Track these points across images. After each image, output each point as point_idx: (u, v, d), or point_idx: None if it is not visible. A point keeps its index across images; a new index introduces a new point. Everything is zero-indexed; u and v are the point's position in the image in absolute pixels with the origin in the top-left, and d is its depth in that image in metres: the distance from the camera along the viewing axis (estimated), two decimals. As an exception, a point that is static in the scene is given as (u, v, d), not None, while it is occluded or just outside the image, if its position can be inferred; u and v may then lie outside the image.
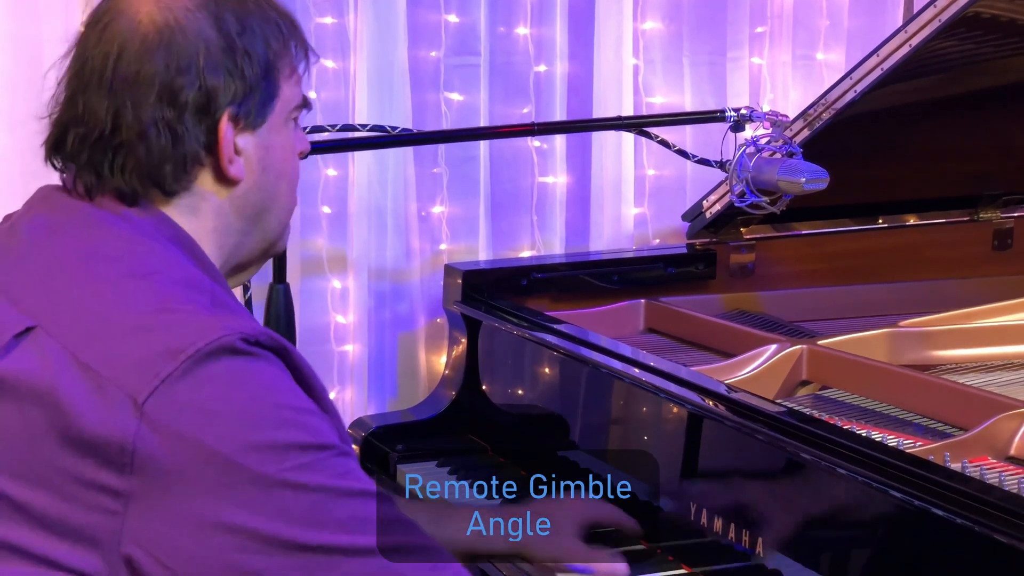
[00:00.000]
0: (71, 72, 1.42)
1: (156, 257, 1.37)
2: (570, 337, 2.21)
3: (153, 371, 1.25)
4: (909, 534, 1.60)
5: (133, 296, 1.32)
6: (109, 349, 1.28)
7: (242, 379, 1.27)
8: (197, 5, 1.40)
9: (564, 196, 2.92)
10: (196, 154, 1.40)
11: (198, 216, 1.42)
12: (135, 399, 1.24)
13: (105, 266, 1.35)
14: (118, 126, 1.38)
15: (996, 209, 2.77)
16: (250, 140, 1.43)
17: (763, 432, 1.78)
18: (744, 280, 2.62)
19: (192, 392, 1.25)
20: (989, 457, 1.79)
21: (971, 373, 2.18)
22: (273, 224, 1.49)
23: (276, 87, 1.44)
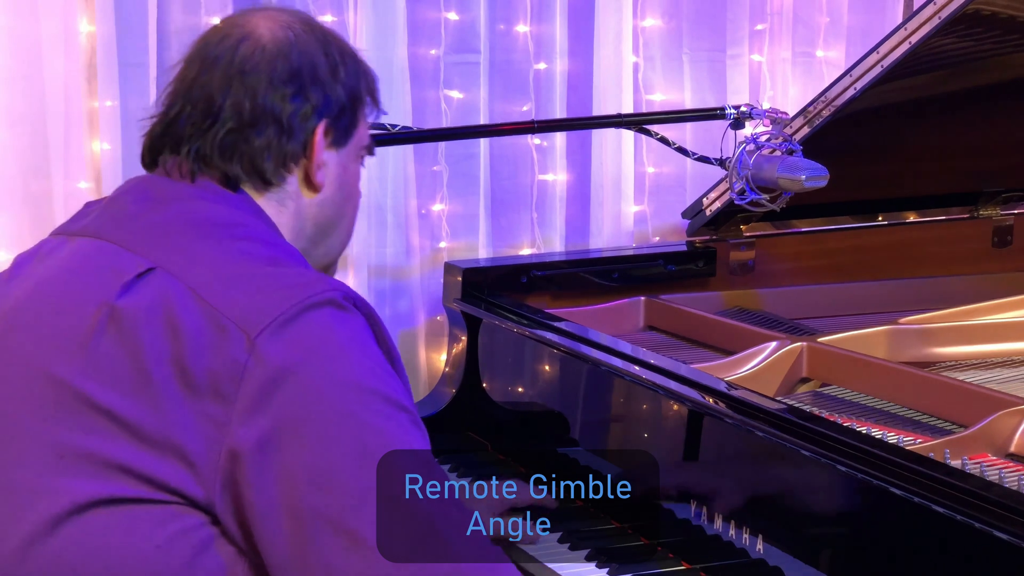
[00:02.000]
0: (190, 69, 1.55)
1: (258, 230, 1.50)
2: (570, 335, 2.21)
3: (268, 310, 1.37)
4: (909, 531, 1.60)
5: (246, 251, 1.45)
6: (227, 291, 1.39)
7: (342, 327, 1.39)
8: (310, 31, 1.57)
9: (564, 193, 2.92)
10: (295, 153, 1.54)
11: (283, 211, 1.55)
12: (249, 334, 1.36)
13: (215, 229, 1.47)
14: (234, 114, 1.51)
15: (996, 206, 2.77)
16: (333, 156, 1.57)
17: (763, 429, 1.78)
18: (744, 277, 2.62)
19: (299, 332, 1.37)
20: (989, 454, 1.79)
21: (971, 370, 2.18)
22: (335, 244, 1.63)
23: (358, 119, 1.60)
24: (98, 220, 1.54)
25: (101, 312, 1.41)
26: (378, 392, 1.37)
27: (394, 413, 1.38)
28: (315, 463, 1.33)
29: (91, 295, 1.43)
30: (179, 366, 1.36)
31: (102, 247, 1.49)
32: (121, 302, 1.40)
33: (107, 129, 2.56)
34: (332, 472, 1.33)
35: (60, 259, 1.52)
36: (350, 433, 1.34)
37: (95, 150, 2.58)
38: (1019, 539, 1.44)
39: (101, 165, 2.57)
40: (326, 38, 1.58)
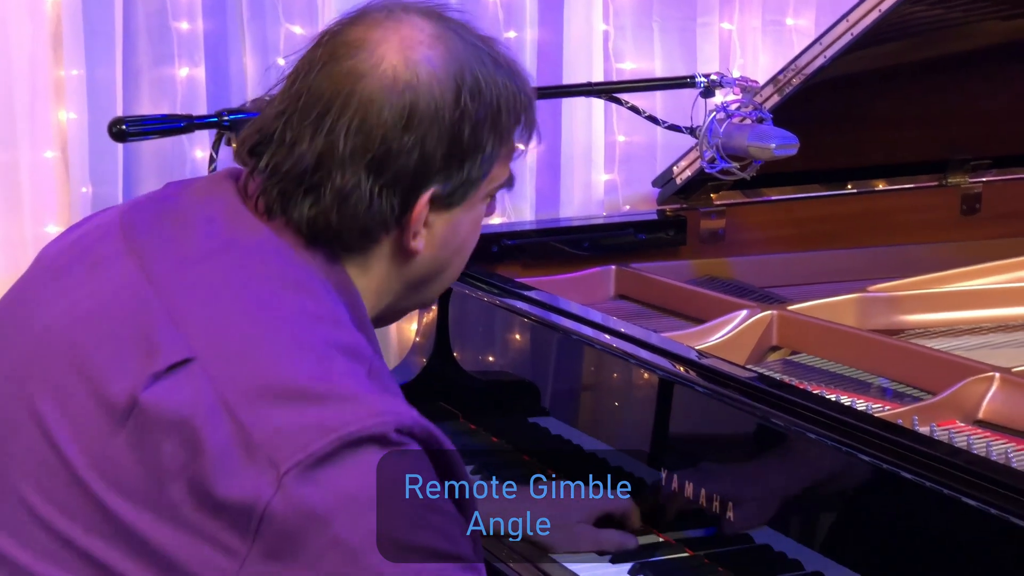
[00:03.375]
0: (291, 92, 1.36)
1: (326, 312, 1.32)
2: (540, 304, 2.21)
3: (301, 443, 1.20)
4: (879, 497, 1.61)
5: (298, 357, 1.26)
6: (263, 409, 1.22)
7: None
8: (445, 66, 1.35)
9: (534, 163, 2.91)
10: (386, 223, 1.35)
11: (365, 274, 1.38)
12: (277, 467, 1.20)
13: (278, 301, 1.30)
14: (320, 169, 1.33)
15: (964, 174, 2.78)
16: (441, 217, 1.39)
17: (733, 397, 1.79)
18: (714, 246, 2.62)
19: (335, 473, 1.20)
20: (957, 421, 1.80)
21: (939, 337, 2.19)
22: (434, 291, 1.47)
23: (489, 171, 1.40)
24: (163, 248, 1.35)
25: (124, 402, 1.25)
26: (419, 547, 1.23)
27: (438, 569, 1.23)
28: None
29: (119, 369, 1.27)
30: (198, 486, 1.21)
31: (148, 304, 1.30)
32: (147, 397, 1.24)
33: (73, 98, 2.54)
34: None
35: (104, 293, 1.34)
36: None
37: (61, 119, 2.56)
38: (987, 505, 1.45)
39: (68, 134, 2.56)
40: (462, 73, 1.35)
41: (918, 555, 1.57)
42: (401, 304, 1.45)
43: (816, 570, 1.66)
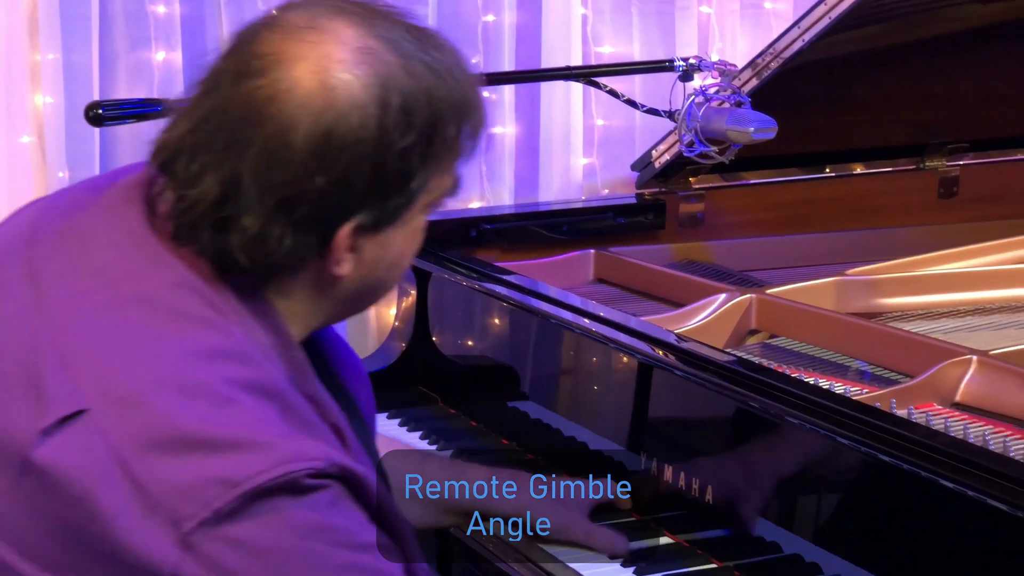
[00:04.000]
0: (201, 107, 1.25)
1: (232, 341, 1.23)
2: (520, 288, 2.21)
3: (204, 500, 1.14)
4: (857, 480, 1.62)
5: (197, 400, 1.18)
6: (161, 463, 1.16)
7: (299, 519, 1.17)
8: (368, 88, 1.22)
9: (513, 146, 2.91)
10: (303, 260, 1.25)
11: (289, 299, 1.28)
12: (180, 528, 1.14)
13: (177, 340, 1.21)
14: (227, 205, 1.22)
15: (942, 157, 2.79)
16: (370, 240, 1.28)
17: (712, 381, 1.79)
18: (693, 230, 2.62)
19: (243, 529, 1.15)
20: (935, 403, 1.80)
21: (917, 320, 2.20)
22: (368, 303, 1.38)
23: (423, 188, 1.29)
24: (61, 276, 1.26)
25: (14, 464, 1.18)
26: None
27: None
28: None
29: (8, 418, 1.20)
30: (102, 548, 1.16)
31: (38, 343, 1.22)
32: (39, 456, 1.17)
33: (49, 83, 2.52)
34: None
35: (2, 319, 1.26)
36: None
37: (37, 104, 2.54)
38: (964, 487, 1.46)
39: (44, 119, 2.54)
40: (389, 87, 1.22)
41: (896, 537, 1.58)
42: (336, 316, 1.36)
43: (795, 552, 1.67)
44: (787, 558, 1.67)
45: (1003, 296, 2.26)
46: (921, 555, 1.54)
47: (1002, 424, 1.74)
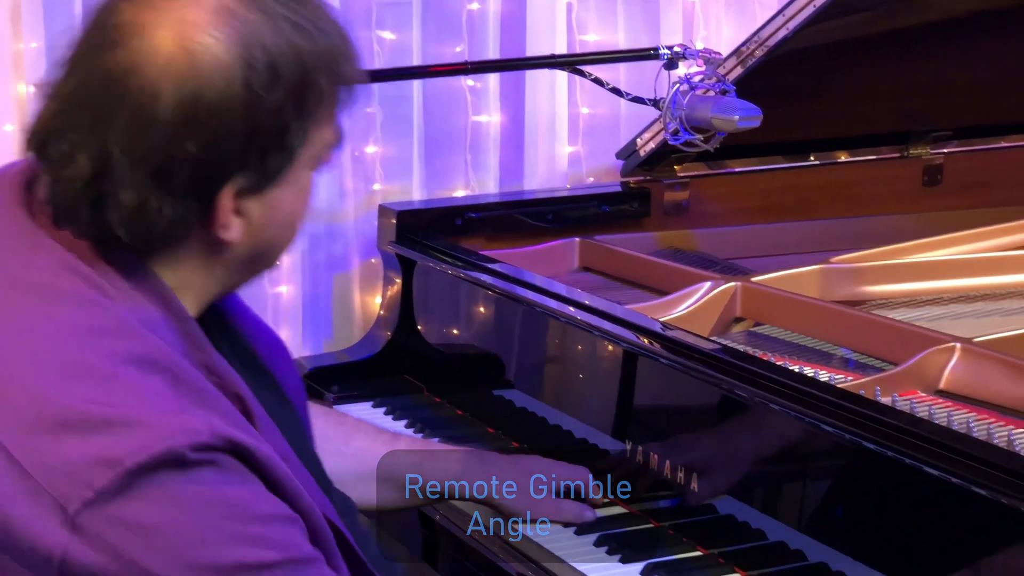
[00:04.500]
0: (66, 85, 1.23)
1: (114, 320, 1.21)
2: (505, 276, 2.21)
3: (86, 482, 1.13)
4: (841, 467, 1.62)
5: (76, 378, 1.17)
6: (42, 446, 1.15)
7: (187, 495, 1.15)
8: (231, 49, 1.20)
9: (498, 135, 2.90)
10: (186, 226, 1.23)
11: (178, 271, 1.27)
12: (66, 510, 1.13)
13: (53, 320, 1.20)
14: (100, 182, 1.20)
15: (926, 145, 2.79)
16: (255, 201, 1.25)
17: (698, 369, 1.79)
18: (678, 218, 2.63)
19: (129, 509, 1.14)
20: (919, 391, 1.81)
21: (901, 308, 2.21)
22: (265, 265, 1.35)
23: (302, 143, 1.26)
24: None
25: None
26: (243, 565, 1.16)
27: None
28: None
29: None
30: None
31: None
32: None
33: (32, 71, 2.51)
34: None
35: None
36: None
37: (20, 93, 2.53)
38: (948, 474, 1.46)
39: (27, 108, 2.53)
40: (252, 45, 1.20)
41: (881, 524, 1.58)
42: (233, 282, 1.33)
43: (780, 540, 1.67)
44: (772, 545, 1.68)
45: (987, 284, 2.27)
46: (905, 542, 1.55)
47: (986, 411, 1.74)
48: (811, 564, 1.63)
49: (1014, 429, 1.68)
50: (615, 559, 1.74)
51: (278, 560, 1.19)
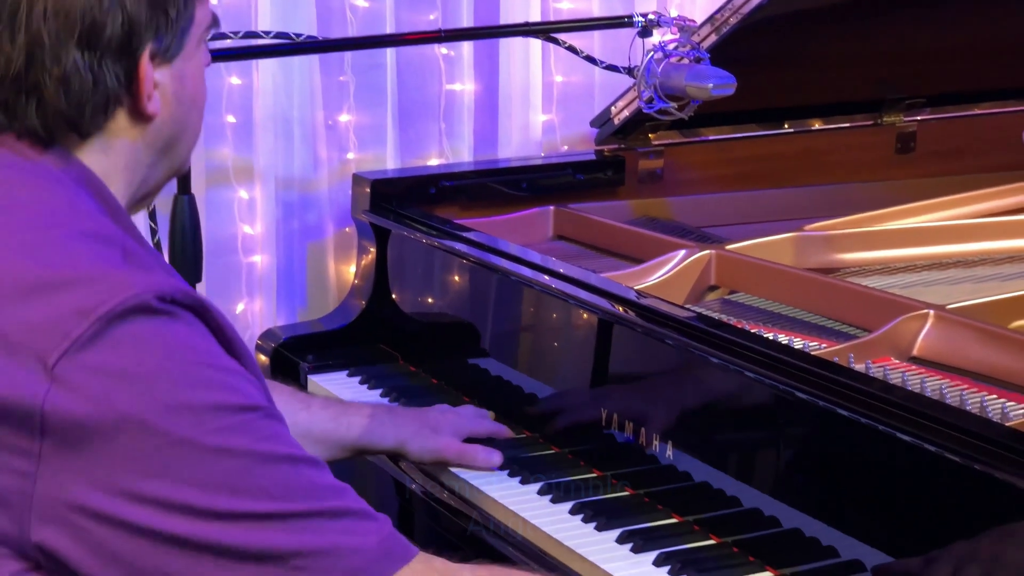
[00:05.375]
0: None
1: (63, 206, 1.31)
2: (479, 245, 2.21)
3: (62, 332, 1.20)
4: (815, 434, 1.63)
5: (39, 252, 1.26)
6: (15, 310, 1.22)
7: (157, 339, 1.22)
8: None
9: (472, 103, 2.90)
10: (116, 95, 1.33)
11: (109, 156, 1.36)
12: (45, 362, 1.19)
13: (7, 218, 1.29)
14: (33, 65, 1.30)
15: (899, 113, 2.80)
16: (166, 73, 1.36)
17: (672, 337, 1.80)
18: (652, 186, 2.63)
19: (104, 354, 1.20)
20: (892, 358, 1.82)
21: (874, 275, 2.21)
22: (182, 152, 1.44)
23: (192, 15, 1.37)
24: None
25: None
26: (215, 405, 1.22)
27: (239, 422, 1.23)
28: (167, 499, 1.20)
29: None
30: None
31: None
32: None
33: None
34: (189, 506, 1.20)
35: None
36: (195, 465, 1.20)
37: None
38: (921, 440, 1.47)
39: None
40: None
41: (854, 490, 1.59)
42: (155, 175, 1.42)
43: (755, 506, 1.68)
44: (747, 512, 1.69)
45: (959, 251, 2.28)
46: (879, 508, 1.56)
47: (959, 378, 1.75)
48: (785, 530, 1.64)
49: (987, 395, 1.69)
50: (590, 527, 1.74)
51: (249, 405, 1.25)
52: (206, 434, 1.21)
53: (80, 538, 1.21)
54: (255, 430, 1.25)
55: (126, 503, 1.20)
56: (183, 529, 1.21)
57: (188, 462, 1.21)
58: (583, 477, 1.88)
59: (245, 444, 1.23)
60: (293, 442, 1.28)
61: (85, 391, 1.19)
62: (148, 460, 1.20)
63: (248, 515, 1.22)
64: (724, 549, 1.69)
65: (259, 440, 1.24)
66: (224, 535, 1.22)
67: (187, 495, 1.21)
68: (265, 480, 1.23)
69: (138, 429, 1.19)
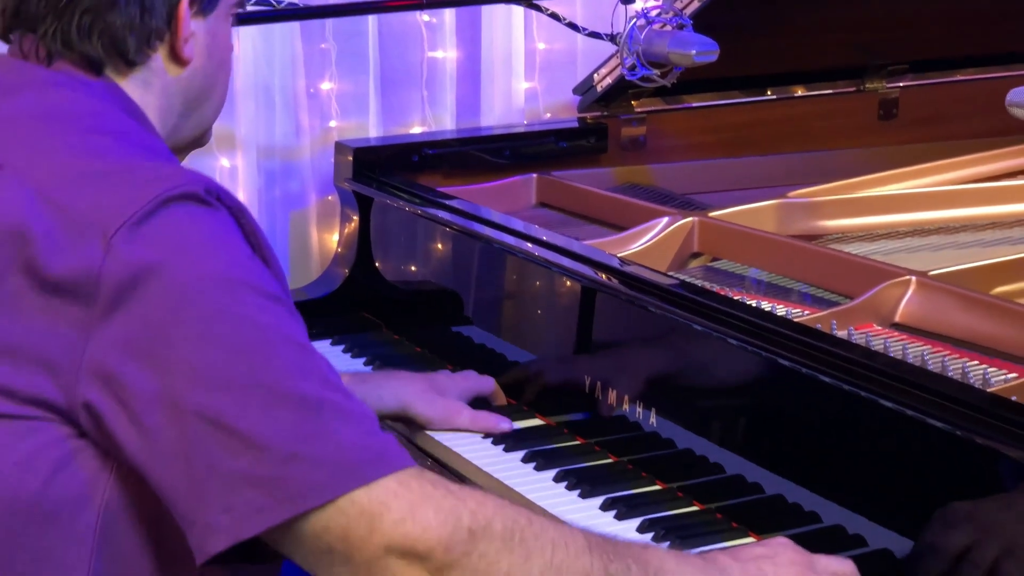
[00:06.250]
0: None
1: (116, 121, 1.42)
2: (462, 213, 2.21)
3: (120, 210, 1.29)
4: (798, 401, 1.64)
5: (99, 148, 1.37)
6: (79, 192, 1.31)
7: (203, 222, 1.31)
8: None
9: (454, 71, 2.89)
10: (159, 29, 1.45)
11: (148, 91, 1.47)
12: (103, 234, 1.28)
13: (68, 120, 1.40)
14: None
15: (881, 79, 2.80)
16: (201, 25, 1.49)
17: (656, 304, 1.80)
18: (635, 153, 2.62)
19: (155, 229, 1.29)
20: (874, 324, 1.82)
21: (857, 242, 2.22)
22: (208, 113, 1.56)
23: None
24: None
25: None
26: (248, 284, 1.30)
27: (268, 304, 1.30)
28: (188, 362, 1.26)
29: None
30: (32, 273, 1.29)
31: None
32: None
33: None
34: (208, 371, 1.25)
35: None
36: (223, 329, 1.27)
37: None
38: (903, 406, 1.48)
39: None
40: None
41: (836, 456, 1.60)
42: (183, 129, 1.53)
43: (737, 473, 1.69)
44: (730, 478, 1.69)
45: (942, 217, 2.28)
46: (861, 474, 1.56)
47: (940, 344, 1.76)
48: (768, 496, 1.64)
49: (968, 361, 1.70)
50: (574, 494, 1.75)
51: (276, 296, 1.32)
52: (237, 304, 1.28)
53: (116, 399, 1.27)
54: (279, 315, 1.31)
55: (154, 365, 1.26)
56: (200, 398, 1.25)
57: (224, 329, 1.27)
58: (567, 444, 1.89)
59: (270, 322, 1.29)
60: (307, 339, 1.33)
61: (136, 260, 1.27)
62: (187, 325, 1.26)
63: (261, 387, 1.26)
64: (707, 515, 1.70)
65: (282, 324, 1.30)
66: (234, 407, 1.25)
67: (212, 357, 1.26)
68: (283, 360, 1.28)
69: (181, 295, 1.27)
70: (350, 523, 1.24)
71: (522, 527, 1.28)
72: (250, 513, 1.24)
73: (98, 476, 1.32)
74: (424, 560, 1.24)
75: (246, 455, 1.24)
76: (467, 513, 1.26)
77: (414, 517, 1.24)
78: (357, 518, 1.24)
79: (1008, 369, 1.66)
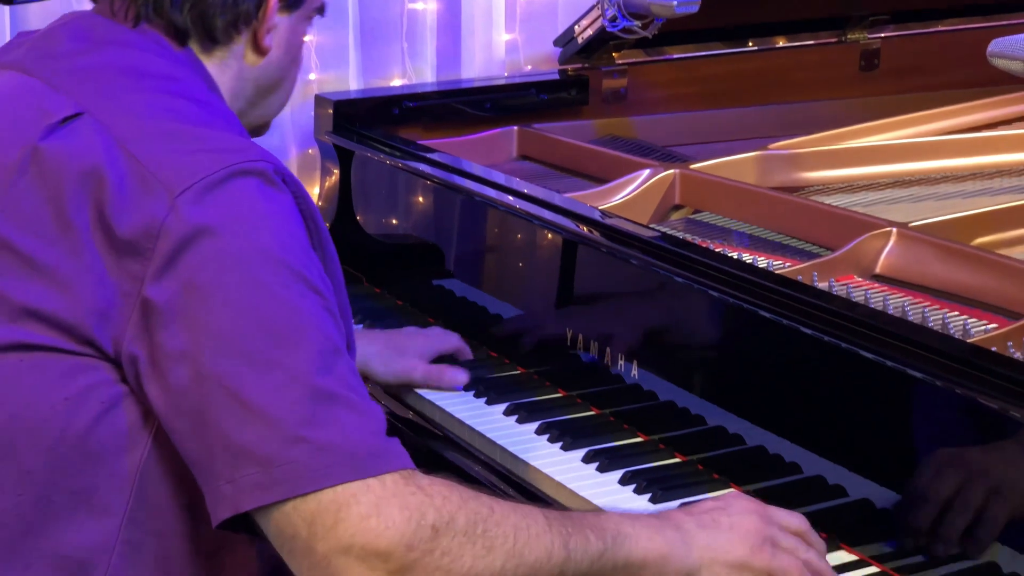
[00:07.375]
0: None
1: (197, 90, 1.45)
2: (443, 166, 2.20)
3: (193, 170, 1.32)
4: (779, 352, 1.64)
5: (179, 108, 1.39)
6: (156, 146, 1.34)
7: (267, 200, 1.33)
8: None
9: (435, 23, 2.87)
10: (247, 15, 1.48)
11: (224, 73, 1.51)
12: (172, 191, 1.31)
13: (150, 81, 1.42)
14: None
15: (863, 30, 2.79)
16: (284, 20, 1.53)
17: (637, 257, 1.80)
18: (617, 105, 2.62)
19: (225, 196, 1.31)
20: (855, 276, 1.83)
21: (838, 194, 2.22)
22: (274, 105, 1.60)
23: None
24: (30, 54, 1.47)
25: (24, 153, 1.37)
26: (294, 268, 1.32)
27: (307, 293, 1.32)
28: (220, 327, 1.28)
29: (16, 134, 1.39)
30: (100, 217, 1.32)
31: (30, 84, 1.43)
32: (45, 144, 1.36)
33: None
34: (235, 339, 1.28)
35: None
36: (260, 303, 1.29)
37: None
38: (883, 357, 1.48)
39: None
40: None
41: (816, 407, 1.60)
42: (250, 115, 1.56)
43: (719, 424, 1.69)
44: (712, 430, 1.70)
45: (922, 168, 2.28)
46: (842, 425, 1.57)
47: (920, 295, 1.77)
48: (749, 447, 1.65)
49: (948, 312, 1.70)
50: (556, 446, 1.76)
51: (320, 290, 1.34)
52: (280, 284, 1.30)
53: (150, 355, 1.30)
54: (318, 307, 1.32)
55: (188, 326, 1.28)
56: (223, 365, 1.27)
57: (259, 302, 1.29)
58: (548, 397, 1.89)
59: (308, 309, 1.31)
60: (342, 342, 1.35)
61: (198, 221, 1.30)
62: (226, 290, 1.29)
63: (282, 367, 1.28)
64: (689, 467, 1.71)
65: (319, 316, 1.32)
66: (252, 380, 1.27)
67: (243, 328, 1.28)
68: (310, 348, 1.29)
69: (229, 260, 1.30)
70: (320, 510, 1.25)
71: (484, 518, 1.29)
72: (249, 487, 1.26)
73: (144, 423, 1.35)
74: (385, 560, 1.24)
75: (254, 428, 1.26)
76: (432, 509, 1.27)
77: (379, 513, 1.25)
78: (328, 506, 1.25)
79: (988, 320, 1.67)
